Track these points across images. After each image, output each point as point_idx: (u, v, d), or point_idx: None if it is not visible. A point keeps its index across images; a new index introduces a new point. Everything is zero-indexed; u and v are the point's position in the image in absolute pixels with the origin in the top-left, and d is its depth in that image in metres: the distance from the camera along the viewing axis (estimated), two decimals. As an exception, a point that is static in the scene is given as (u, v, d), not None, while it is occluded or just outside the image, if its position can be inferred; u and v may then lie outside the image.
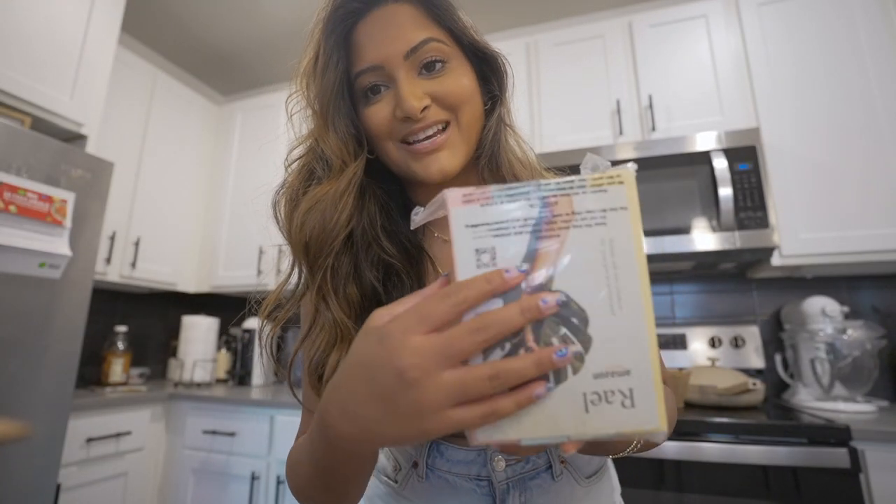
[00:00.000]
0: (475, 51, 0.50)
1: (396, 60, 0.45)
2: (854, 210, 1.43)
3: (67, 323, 1.40)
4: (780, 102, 1.56)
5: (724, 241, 1.45)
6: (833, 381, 1.38)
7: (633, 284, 0.27)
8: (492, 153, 0.51)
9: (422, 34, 0.45)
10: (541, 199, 0.28)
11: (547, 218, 0.28)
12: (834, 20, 1.56)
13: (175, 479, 1.82)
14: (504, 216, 0.28)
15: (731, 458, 1.13)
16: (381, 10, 0.46)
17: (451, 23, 0.47)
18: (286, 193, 0.50)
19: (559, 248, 0.27)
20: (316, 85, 0.48)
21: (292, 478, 0.45)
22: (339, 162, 0.47)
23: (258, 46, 2.51)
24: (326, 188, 0.47)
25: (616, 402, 0.26)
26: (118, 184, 1.91)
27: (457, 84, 0.47)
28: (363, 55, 0.46)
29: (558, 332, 0.27)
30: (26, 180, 1.30)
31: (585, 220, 0.27)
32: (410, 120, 0.45)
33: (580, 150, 1.68)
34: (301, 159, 0.51)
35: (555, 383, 0.26)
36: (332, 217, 0.46)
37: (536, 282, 0.27)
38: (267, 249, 2.22)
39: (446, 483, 0.50)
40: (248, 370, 2.18)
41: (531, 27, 2.35)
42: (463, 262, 0.28)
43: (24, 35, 1.50)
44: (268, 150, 2.36)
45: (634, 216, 0.27)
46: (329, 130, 0.48)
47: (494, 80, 0.52)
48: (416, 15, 0.46)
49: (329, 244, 0.46)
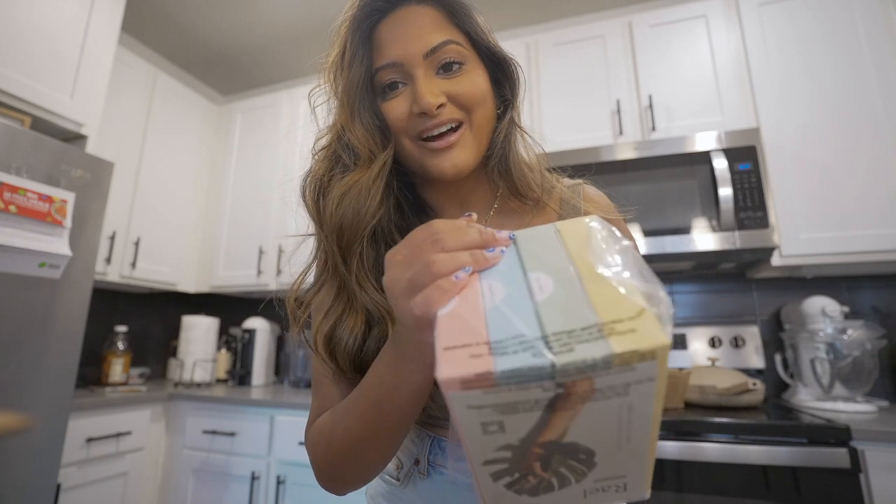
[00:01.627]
0: (490, 55, 0.52)
1: (416, 59, 0.47)
2: (854, 210, 1.43)
3: (67, 323, 1.40)
4: (780, 102, 1.56)
5: (724, 241, 1.45)
6: (833, 381, 1.38)
7: (645, 432, 0.26)
8: (502, 155, 0.52)
9: (441, 36, 0.48)
10: (556, 384, 0.23)
11: (563, 395, 0.24)
12: (834, 20, 1.56)
13: (175, 479, 1.82)
14: (512, 400, 0.24)
15: (731, 458, 1.13)
16: (404, 10, 0.49)
17: (470, 26, 0.50)
18: (313, 180, 0.52)
19: (573, 414, 0.25)
20: (343, 78, 0.50)
21: (322, 451, 0.46)
22: (366, 152, 0.49)
23: (258, 47, 2.51)
24: (358, 175, 0.49)
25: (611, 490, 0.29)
26: (118, 184, 1.91)
27: (472, 85, 0.48)
28: (385, 52, 0.48)
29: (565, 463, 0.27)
30: (26, 180, 1.30)
31: (605, 394, 0.24)
32: (426, 116, 0.47)
33: (580, 150, 1.68)
34: (327, 148, 0.53)
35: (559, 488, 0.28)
36: (365, 202, 0.47)
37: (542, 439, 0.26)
38: (267, 249, 2.22)
39: (447, 479, 0.51)
40: (248, 370, 2.18)
41: (531, 27, 2.35)
42: (469, 435, 0.26)
43: (25, 35, 1.50)
44: (268, 151, 2.36)
45: (660, 383, 0.24)
46: (355, 121, 0.49)
47: (507, 85, 0.54)
48: (437, 17, 0.49)
49: (362, 229, 0.48)
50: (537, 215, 0.55)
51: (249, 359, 2.18)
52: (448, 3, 0.49)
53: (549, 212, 0.55)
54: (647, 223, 1.55)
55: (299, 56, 2.58)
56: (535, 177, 0.54)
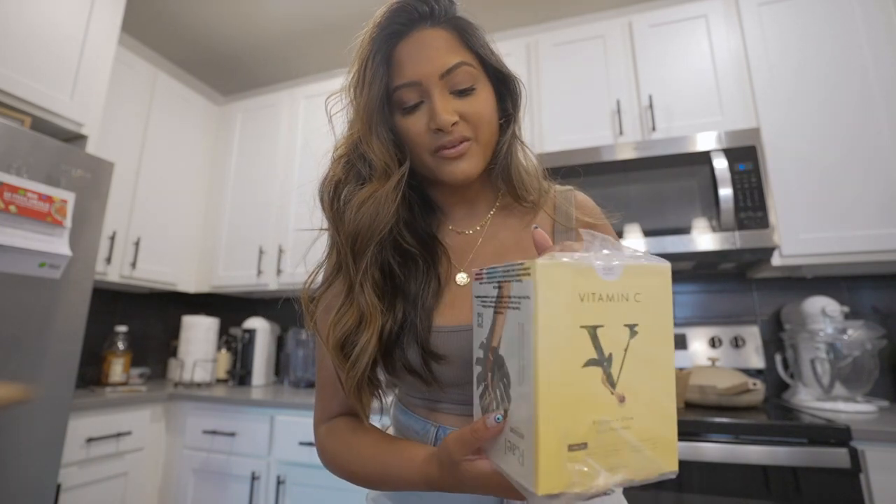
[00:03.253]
0: (496, 73, 0.58)
1: (433, 79, 0.52)
2: (854, 210, 1.43)
3: (67, 323, 1.40)
4: (780, 102, 1.56)
5: (724, 241, 1.45)
6: (833, 381, 1.38)
7: (530, 364, 0.32)
8: (504, 164, 0.59)
9: (455, 58, 0.53)
10: (496, 283, 0.37)
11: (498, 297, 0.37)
12: (834, 20, 1.56)
13: (175, 479, 1.82)
14: (483, 293, 0.39)
15: (731, 458, 1.13)
16: (421, 33, 0.54)
17: (479, 48, 0.55)
18: (329, 184, 0.57)
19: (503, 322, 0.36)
20: (364, 95, 0.54)
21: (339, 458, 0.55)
22: (382, 164, 0.54)
23: (258, 47, 2.51)
24: (376, 186, 0.54)
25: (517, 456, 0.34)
26: (118, 184, 1.91)
27: (482, 105, 0.55)
28: (403, 72, 0.53)
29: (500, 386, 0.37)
30: (26, 180, 1.30)
31: (513, 303, 0.35)
32: (441, 132, 0.53)
33: (580, 151, 1.68)
34: (343, 157, 0.57)
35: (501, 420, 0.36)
36: (381, 213, 0.53)
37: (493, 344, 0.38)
38: (267, 249, 2.22)
39: None
40: (248, 370, 2.18)
41: (531, 27, 2.35)
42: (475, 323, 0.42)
43: (25, 35, 1.50)
44: (268, 151, 2.36)
45: (540, 303, 0.32)
46: (372, 135, 0.54)
47: (509, 100, 0.59)
48: (450, 39, 0.54)
49: (375, 236, 0.53)
50: (534, 216, 0.61)
51: (249, 359, 2.18)
52: (460, 27, 0.55)
53: (543, 215, 0.61)
54: (647, 223, 1.55)
55: (299, 56, 2.58)
56: (533, 183, 0.61)
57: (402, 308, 0.54)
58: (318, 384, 0.60)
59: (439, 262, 0.58)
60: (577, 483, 0.31)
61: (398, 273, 0.56)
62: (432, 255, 0.57)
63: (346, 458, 0.54)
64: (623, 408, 0.33)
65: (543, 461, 0.31)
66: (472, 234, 0.61)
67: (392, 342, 0.53)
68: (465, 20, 0.55)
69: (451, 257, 0.59)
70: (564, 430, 0.31)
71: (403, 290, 0.55)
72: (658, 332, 0.35)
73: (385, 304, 0.54)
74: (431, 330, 0.53)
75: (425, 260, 0.57)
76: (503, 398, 0.36)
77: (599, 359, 0.33)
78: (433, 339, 0.52)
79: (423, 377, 0.52)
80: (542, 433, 0.31)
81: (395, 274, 0.56)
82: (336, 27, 2.33)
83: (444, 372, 0.52)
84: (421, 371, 0.52)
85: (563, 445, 0.31)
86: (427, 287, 0.55)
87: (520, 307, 0.33)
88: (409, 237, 0.57)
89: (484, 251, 0.59)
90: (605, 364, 0.33)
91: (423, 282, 0.55)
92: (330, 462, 0.56)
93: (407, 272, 0.56)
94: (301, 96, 2.34)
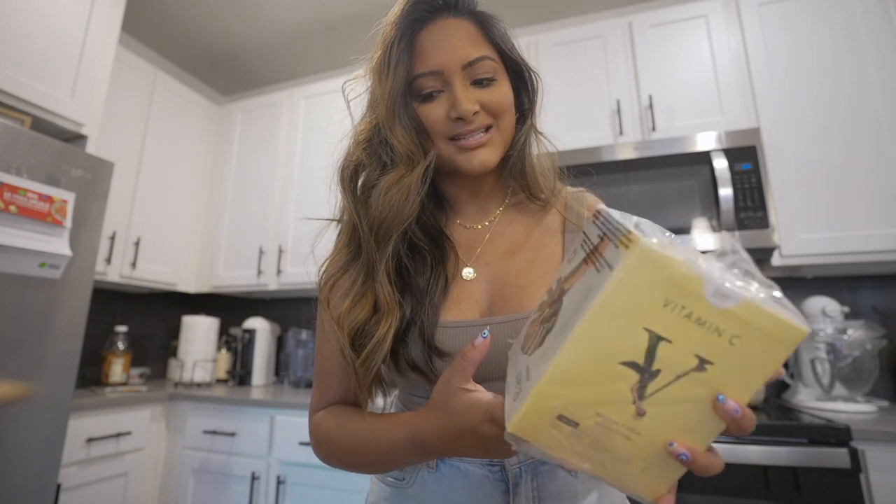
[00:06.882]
0: (515, 67, 0.58)
1: (455, 69, 0.53)
2: (854, 210, 1.43)
3: (67, 323, 1.40)
4: (780, 102, 1.56)
5: (725, 241, 1.45)
6: (833, 381, 1.38)
7: (570, 329, 0.30)
8: (520, 156, 0.59)
9: (478, 51, 0.53)
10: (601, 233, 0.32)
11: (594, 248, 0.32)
12: (834, 20, 1.56)
13: (175, 479, 1.82)
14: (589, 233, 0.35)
15: (731, 458, 1.13)
16: (444, 22, 0.54)
17: (500, 42, 0.56)
18: (349, 165, 0.57)
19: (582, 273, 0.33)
20: (389, 80, 0.54)
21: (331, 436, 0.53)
22: (405, 151, 0.54)
23: (258, 46, 2.51)
24: (403, 172, 0.54)
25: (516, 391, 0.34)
26: (118, 184, 1.91)
27: (502, 96, 0.55)
28: (426, 60, 0.53)
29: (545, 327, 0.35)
30: (26, 180, 1.29)
31: (598, 262, 0.31)
32: (462, 121, 0.53)
33: (580, 150, 1.68)
34: (365, 141, 0.57)
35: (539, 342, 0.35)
36: (408, 200, 0.53)
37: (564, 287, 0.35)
38: (267, 249, 2.22)
39: (458, 471, 0.52)
40: (248, 370, 2.18)
41: (531, 27, 2.35)
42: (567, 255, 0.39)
43: (25, 35, 1.50)
44: (268, 151, 2.36)
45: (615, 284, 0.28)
46: (396, 121, 0.54)
47: (525, 95, 0.61)
48: (473, 31, 0.54)
49: (400, 224, 0.53)
50: (544, 214, 0.61)
51: (249, 359, 2.18)
52: (483, 19, 0.55)
53: (554, 213, 0.61)
54: (647, 223, 1.54)
55: (299, 56, 2.58)
56: (548, 181, 0.61)
57: (409, 303, 0.53)
58: (317, 373, 0.59)
59: (448, 258, 0.57)
60: (546, 445, 0.32)
61: (408, 267, 0.55)
62: (441, 251, 0.57)
63: (338, 433, 0.53)
64: (636, 422, 0.30)
65: (530, 411, 0.31)
66: (480, 228, 0.61)
67: (398, 338, 0.52)
68: (487, 13, 0.56)
69: (458, 252, 0.59)
70: (565, 400, 0.31)
71: (411, 285, 0.54)
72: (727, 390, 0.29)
73: (396, 298, 0.53)
74: (437, 326, 0.52)
75: (434, 255, 0.56)
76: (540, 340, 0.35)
77: (643, 367, 0.29)
78: (438, 335, 0.52)
79: (426, 374, 0.52)
80: (541, 391, 0.31)
81: (405, 268, 0.55)
82: (336, 27, 2.33)
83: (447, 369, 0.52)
84: (424, 368, 0.51)
85: (555, 411, 0.31)
86: (435, 283, 0.54)
87: (600, 271, 0.30)
88: (418, 231, 0.57)
89: (492, 246, 0.58)
90: (645, 375, 0.29)
91: (432, 277, 0.55)
92: (323, 442, 0.54)
93: (415, 267, 0.56)
94: (301, 96, 2.34)
